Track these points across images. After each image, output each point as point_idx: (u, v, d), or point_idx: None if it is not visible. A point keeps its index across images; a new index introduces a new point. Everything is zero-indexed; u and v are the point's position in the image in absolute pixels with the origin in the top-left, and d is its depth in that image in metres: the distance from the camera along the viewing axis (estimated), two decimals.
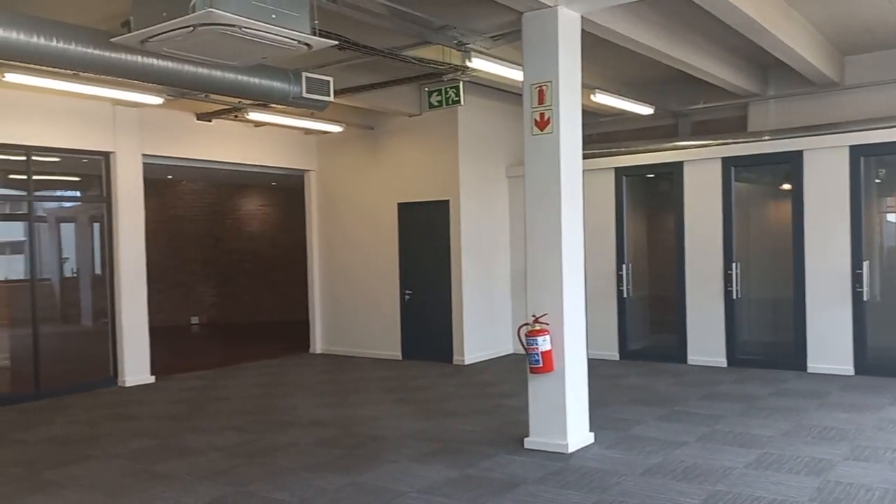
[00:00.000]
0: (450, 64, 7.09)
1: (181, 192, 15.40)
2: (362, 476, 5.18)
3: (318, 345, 11.08)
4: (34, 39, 4.67)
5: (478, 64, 6.65)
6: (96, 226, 12.56)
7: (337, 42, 5.07)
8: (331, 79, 6.44)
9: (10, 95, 7.58)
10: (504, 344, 10.29)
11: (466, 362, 9.66)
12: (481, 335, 9.93)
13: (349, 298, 10.74)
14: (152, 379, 8.96)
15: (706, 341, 9.00)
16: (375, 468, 5.36)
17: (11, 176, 9.71)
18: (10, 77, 6.34)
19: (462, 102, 7.90)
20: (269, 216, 15.96)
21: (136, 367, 8.82)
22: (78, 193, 10.21)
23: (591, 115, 10.08)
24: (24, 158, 8.06)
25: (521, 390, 7.43)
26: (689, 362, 9.13)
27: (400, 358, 10.21)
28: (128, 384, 8.73)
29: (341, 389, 8.38)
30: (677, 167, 9.21)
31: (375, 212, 10.41)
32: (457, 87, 7.78)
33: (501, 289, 10.32)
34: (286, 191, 14.46)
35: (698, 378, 8.34)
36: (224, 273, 15.71)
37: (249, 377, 9.32)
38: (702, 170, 9.01)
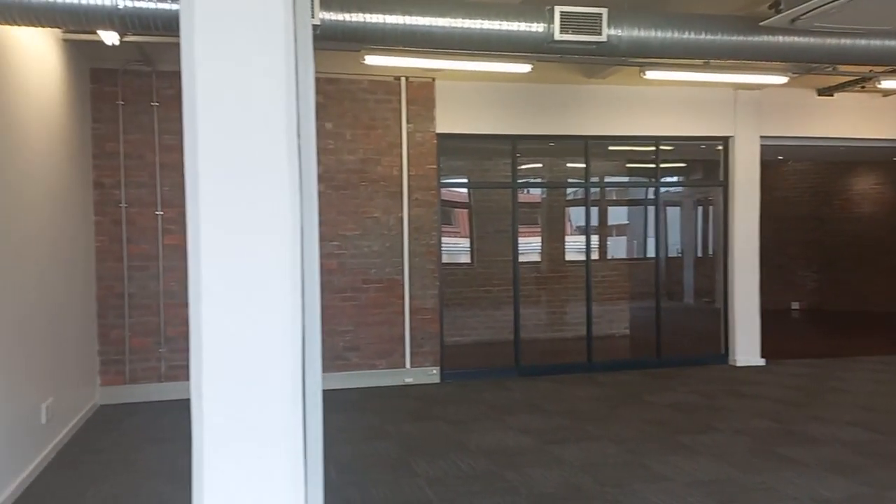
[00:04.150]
0: None
1: (784, 173, 14.96)
2: None
3: None
4: (685, 35, 5.06)
5: None
6: (699, 209, 13.18)
7: None
8: None
9: (642, 91, 8.45)
10: None
11: None
12: None
13: None
14: (762, 361, 8.95)
15: None
16: None
17: (630, 165, 10.90)
18: (650, 74, 7.04)
19: None
20: (885, 195, 14.27)
21: (746, 347, 8.93)
22: (690, 178, 10.83)
23: None
24: (652, 148, 8.89)
25: None
26: None
27: None
28: (738, 364, 8.90)
29: None
30: None
31: None
32: None
33: None
34: None
35: None
36: (827, 257, 14.71)
37: (866, 371, 8.52)
38: None
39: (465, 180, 10.38)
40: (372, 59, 6.45)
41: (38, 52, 5.42)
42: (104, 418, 6.68)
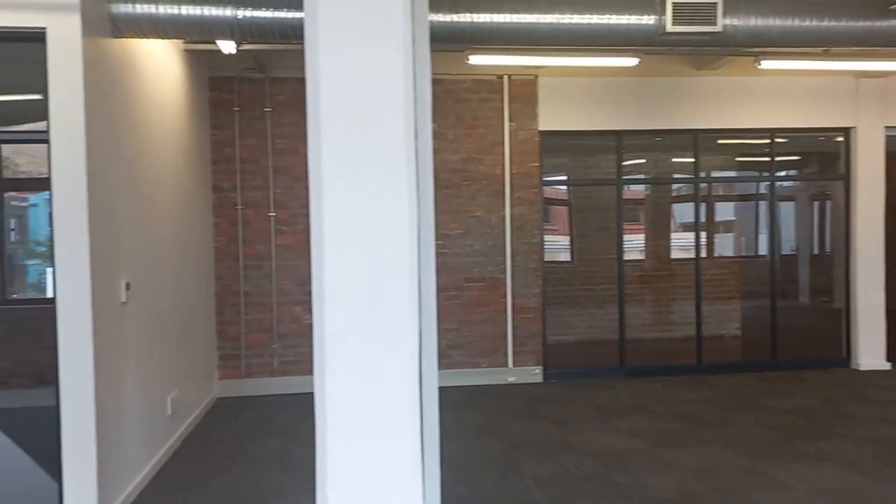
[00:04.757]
0: None
1: None
2: None
3: None
4: (806, 22, 4.82)
5: None
6: (815, 204, 12.49)
7: None
8: None
9: (756, 82, 8.11)
10: None
11: None
12: None
13: None
14: (887, 365, 8.41)
15: None
16: None
17: (741, 158, 10.45)
18: (766, 64, 6.74)
19: None
20: None
21: (870, 350, 8.42)
22: (805, 171, 10.29)
23: None
24: (766, 141, 8.52)
25: None
26: None
27: None
28: (861, 367, 8.40)
29: None
30: None
31: None
32: None
33: None
34: None
35: None
36: None
37: None
38: None
39: (564, 177, 10.26)
40: (476, 59, 6.47)
41: (162, 62, 5.74)
42: (223, 411, 7.00)
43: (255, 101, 7.50)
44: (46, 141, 4.05)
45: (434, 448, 2.71)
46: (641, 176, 9.73)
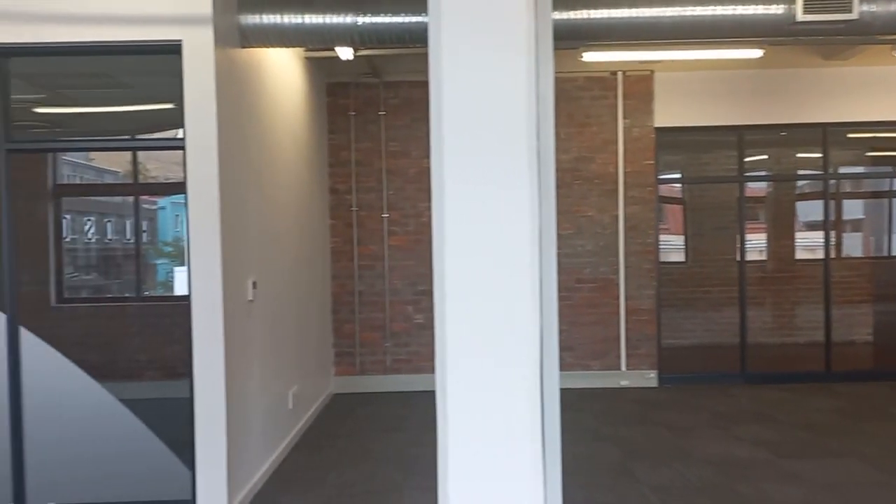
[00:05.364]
0: None
1: None
2: None
3: None
4: None
5: None
6: None
7: None
8: None
9: (891, 71, 7.61)
10: None
11: None
12: None
13: None
14: None
15: None
16: None
17: (872, 153, 9.79)
18: None
19: None
20: None
21: None
22: None
23: None
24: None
25: None
26: None
27: None
28: None
29: None
30: None
31: None
32: None
33: None
34: None
35: None
36: None
37: None
38: None
39: (678, 175, 9.92)
40: (590, 56, 6.37)
41: (284, 70, 5.97)
42: (339, 406, 7.22)
43: (369, 105, 7.68)
44: (182, 147, 4.29)
45: (555, 454, 2.68)
46: (764, 172, 9.29)
